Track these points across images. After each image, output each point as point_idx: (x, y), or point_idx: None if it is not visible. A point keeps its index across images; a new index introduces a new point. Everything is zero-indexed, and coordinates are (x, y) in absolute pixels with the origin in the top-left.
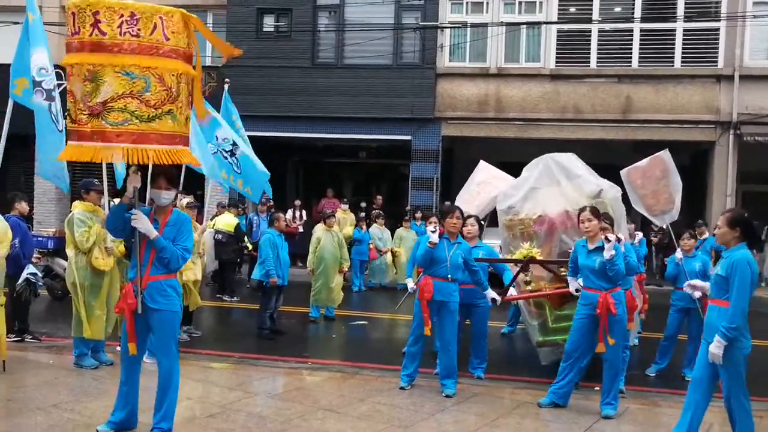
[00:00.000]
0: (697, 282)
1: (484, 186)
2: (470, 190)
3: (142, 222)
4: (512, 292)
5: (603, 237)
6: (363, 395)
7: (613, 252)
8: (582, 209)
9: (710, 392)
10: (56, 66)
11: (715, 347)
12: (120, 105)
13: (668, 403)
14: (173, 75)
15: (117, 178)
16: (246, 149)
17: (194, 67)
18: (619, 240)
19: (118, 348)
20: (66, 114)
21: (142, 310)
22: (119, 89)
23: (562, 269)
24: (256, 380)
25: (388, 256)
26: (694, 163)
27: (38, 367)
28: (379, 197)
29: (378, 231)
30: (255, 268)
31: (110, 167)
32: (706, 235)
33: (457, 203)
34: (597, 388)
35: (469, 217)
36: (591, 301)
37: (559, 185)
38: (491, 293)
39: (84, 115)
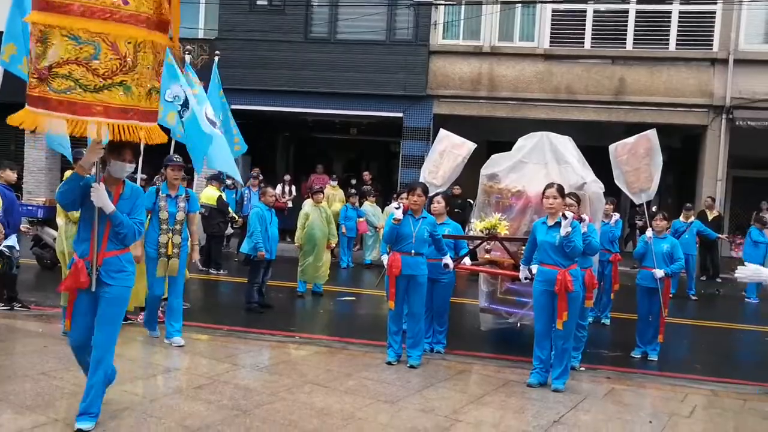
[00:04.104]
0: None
1: (447, 156)
2: (433, 160)
3: (100, 196)
4: (466, 262)
5: (561, 214)
6: (350, 370)
7: (570, 229)
8: (549, 185)
9: None
10: None
11: None
12: (64, 71)
13: (654, 385)
14: (129, 43)
15: (67, 152)
16: (202, 118)
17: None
18: (582, 220)
19: None
20: None
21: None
22: (64, 54)
23: (522, 248)
24: (243, 353)
25: (381, 233)
26: (685, 146)
27: (27, 335)
28: (366, 173)
29: (370, 208)
30: (244, 241)
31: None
32: (693, 218)
33: (421, 175)
34: (582, 368)
35: (436, 194)
36: (549, 278)
37: (547, 166)
38: (447, 258)
39: (34, 78)
